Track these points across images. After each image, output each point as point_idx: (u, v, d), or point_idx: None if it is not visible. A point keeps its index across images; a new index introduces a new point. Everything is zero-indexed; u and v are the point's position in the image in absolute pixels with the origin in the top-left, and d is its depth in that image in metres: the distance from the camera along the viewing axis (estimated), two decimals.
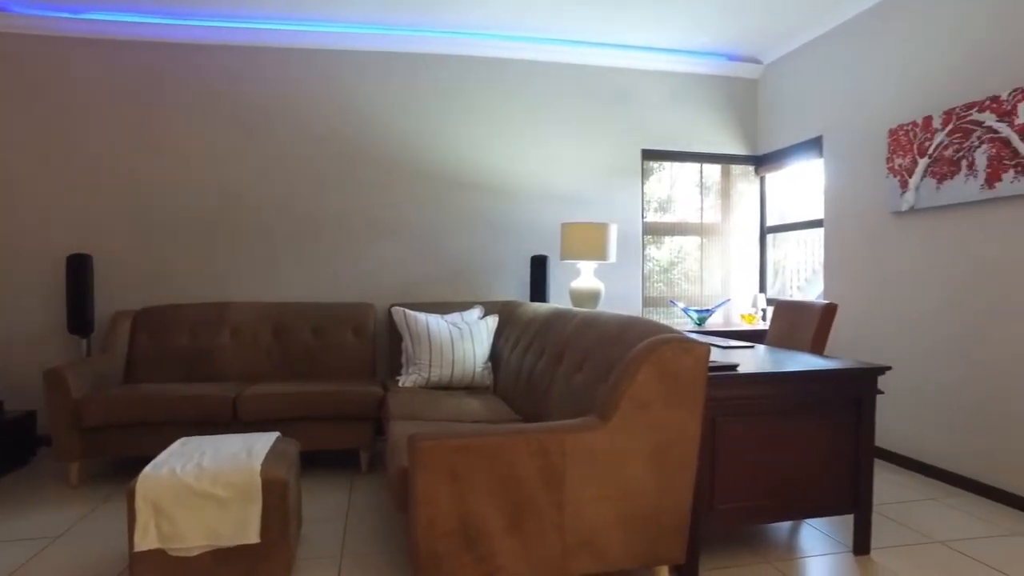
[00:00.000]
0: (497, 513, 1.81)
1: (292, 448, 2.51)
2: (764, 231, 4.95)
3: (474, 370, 3.47)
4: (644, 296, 4.76)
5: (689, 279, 4.90)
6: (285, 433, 3.33)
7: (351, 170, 4.26)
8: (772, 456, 2.33)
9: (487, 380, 3.51)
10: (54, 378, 3.13)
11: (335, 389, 3.36)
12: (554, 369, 2.54)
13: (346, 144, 4.25)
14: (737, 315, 4.89)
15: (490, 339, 3.58)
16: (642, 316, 4.60)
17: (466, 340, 3.48)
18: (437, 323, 3.53)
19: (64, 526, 2.70)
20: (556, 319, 2.84)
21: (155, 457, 2.26)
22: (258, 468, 2.14)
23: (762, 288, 4.93)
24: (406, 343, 3.57)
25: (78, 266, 3.72)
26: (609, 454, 1.86)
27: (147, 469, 2.10)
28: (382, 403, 3.33)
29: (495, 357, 3.58)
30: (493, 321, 3.65)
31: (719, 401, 2.23)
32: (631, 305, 4.67)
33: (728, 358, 2.63)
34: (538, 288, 4.12)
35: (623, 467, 1.88)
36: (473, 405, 2.95)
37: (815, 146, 4.27)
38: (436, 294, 4.37)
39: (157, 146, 4.05)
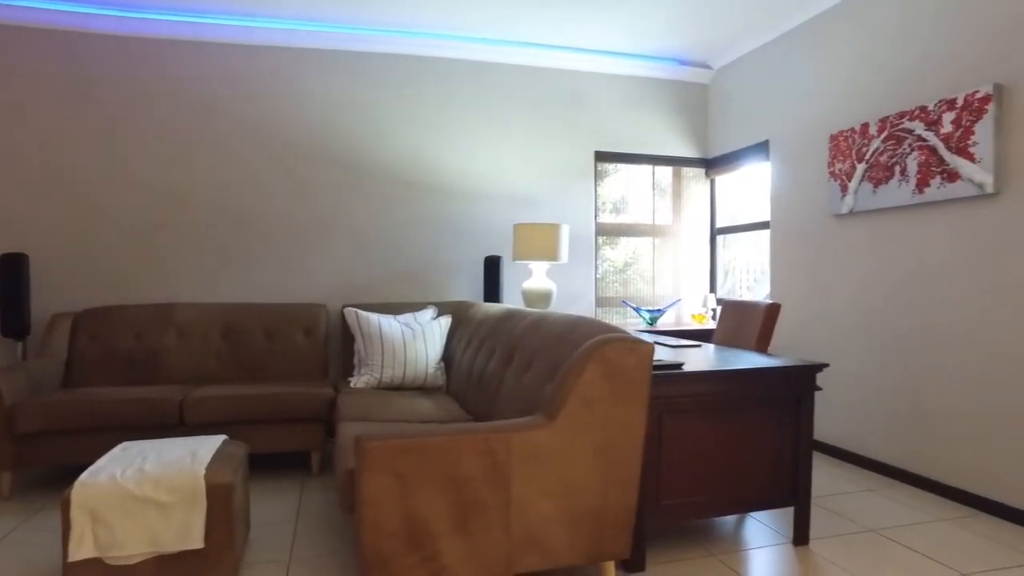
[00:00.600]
0: (443, 513, 1.82)
1: (240, 451, 2.47)
2: (714, 232, 5.07)
3: (426, 370, 3.47)
4: (598, 296, 4.83)
5: (644, 279, 4.98)
6: (234, 436, 3.27)
7: (304, 170, 4.21)
8: (716, 452, 2.40)
9: (440, 380, 3.52)
10: None
11: (285, 391, 3.31)
12: (504, 369, 2.56)
13: (299, 144, 4.20)
14: (688, 315, 5.00)
15: (443, 339, 3.58)
16: (595, 316, 4.68)
17: (418, 341, 3.48)
18: (389, 324, 3.52)
19: None
20: (507, 319, 2.86)
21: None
22: (203, 472, 2.10)
23: (712, 288, 5.05)
24: (358, 344, 3.55)
25: (13, 266, 3.58)
26: (555, 452, 1.89)
27: (84, 475, 2.04)
28: (333, 404, 3.30)
29: (448, 357, 3.58)
30: (446, 322, 3.66)
31: (664, 399, 2.29)
32: (585, 305, 4.73)
33: (677, 357, 2.69)
34: (492, 289, 4.14)
35: (569, 465, 1.91)
36: (424, 405, 2.95)
37: (763, 150, 4.40)
38: (390, 295, 4.35)
39: (99, 143, 3.92)
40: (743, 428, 2.44)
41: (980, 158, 2.84)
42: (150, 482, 2.03)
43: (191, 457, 2.21)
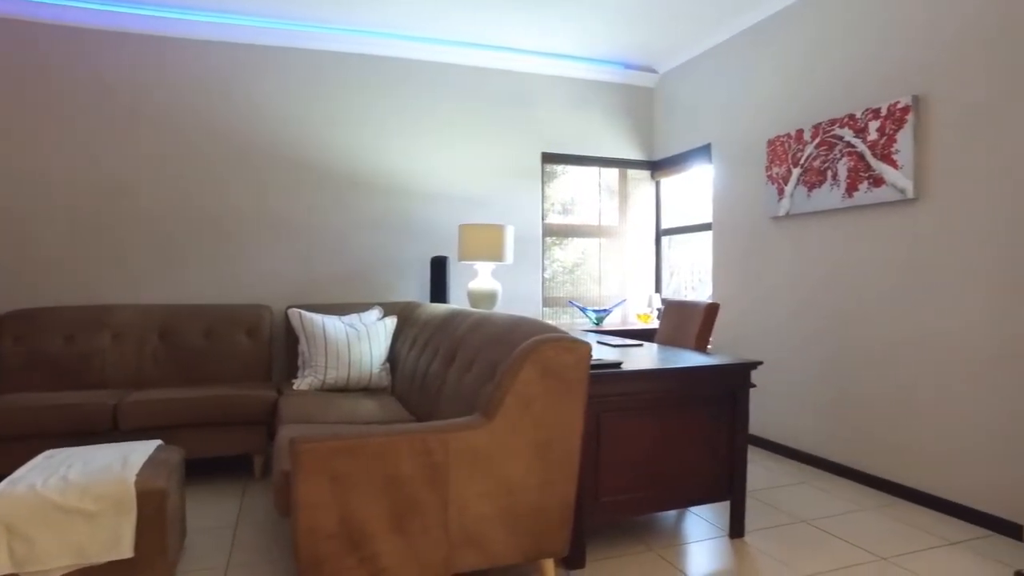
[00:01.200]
0: (381, 514, 1.81)
1: (174, 456, 2.40)
2: (659, 233, 5.18)
3: (371, 371, 3.44)
4: (546, 297, 4.87)
5: (592, 280, 5.05)
6: (173, 441, 3.19)
7: (248, 168, 4.11)
8: (654, 449, 2.46)
9: (385, 381, 3.49)
10: None
11: (225, 393, 3.24)
12: (446, 369, 2.57)
13: (243, 141, 4.10)
14: (634, 314, 5.09)
15: (388, 340, 3.56)
16: (542, 317, 4.72)
17: (363, 341, 3.45)
18: (334, 324, 3.48)
19: None
20: (451, 320, 2.87)
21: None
22: (133, 478, 2.04)
23: (658, 288, 5.16)
24: (302, 345, 3.49)
25: None
26: (492, 452, 1.90)
27: (0, 486, 1.95)
28: (276, 407, 3.25)
29: (394, 358, 3.56)
30: (392, 322, 3.64)
31: (603, 397, 2.33)
32: (532, 306, 4.77)
33: (619, 356, 2.74)
34: (438, 289, 4.13)
35: (507, 464, 1.93)
36: (368, 406, 2.93)
37: (706, 153, 4.51)
38: (336, 295, 4.30)
39: (25, 136, 3.75)
40: (680, 425, 2.50)
41: (902, 165, 2.98)
42: (75, 491, 1.96)
43: (121, 463, 2.14)
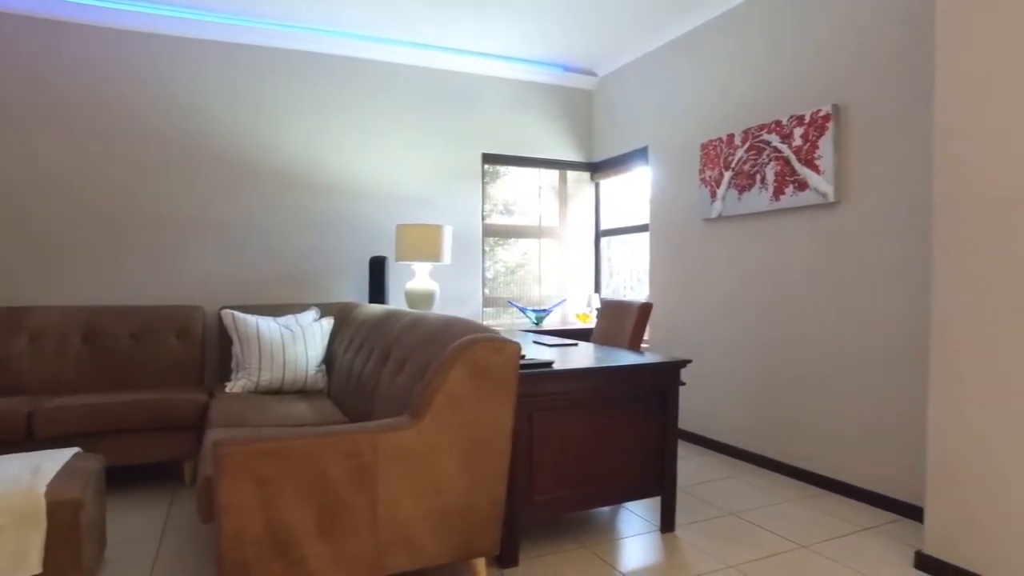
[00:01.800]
0: (308, 517, 1.78)
1: (92, 464, 2.30)
2: (599, 234, 5.26)
3: (307, 373, 3.38)
4: (487, 297, 4.88)
5: (534, 280, 5.09)
6: (96, 449, 3.05)
7: (185, 166, 3.97)
8: (586, 447, 2.50)
9: (321, 383, 3.44)
10: None
11: (151, 398, 3.13)
12: (380, 370, 2.55)
13: (179, 138, 3.96)
14: (573, 314, 5.16)
15: (324, 341, 3.51)
16: (482, 317, 4.73)
17: (298, 343, 3.38)
18: (268, 326, 3.40)
19: None
20: (387, 320, 2.85)
21: None
22: (43, 489, 1.95)
23: (597, 288, 5.24)
24: (236, 347, 3.41)
25: None
26: (421, 452, 1.90)
27: None
28: (207, 411, 3.15)
29: (330, 360, 3.51)
30: (328, 323, 3.58)
31: (535, 397, 2.35)
32: (473, 306, 4.77)
33: (555, 356, 2.77)
34: (377, 289, 4.09)
35: (436, 464, 1.93)
36: (301, 409, 2.88)
37: (643, 155, 4.61)
38: (272, 296, 4.20)
39: None
40: (612, 423, 2.55)
41: (824, 170, 3.12)
42: None
43: (31, 473, 2.04)
